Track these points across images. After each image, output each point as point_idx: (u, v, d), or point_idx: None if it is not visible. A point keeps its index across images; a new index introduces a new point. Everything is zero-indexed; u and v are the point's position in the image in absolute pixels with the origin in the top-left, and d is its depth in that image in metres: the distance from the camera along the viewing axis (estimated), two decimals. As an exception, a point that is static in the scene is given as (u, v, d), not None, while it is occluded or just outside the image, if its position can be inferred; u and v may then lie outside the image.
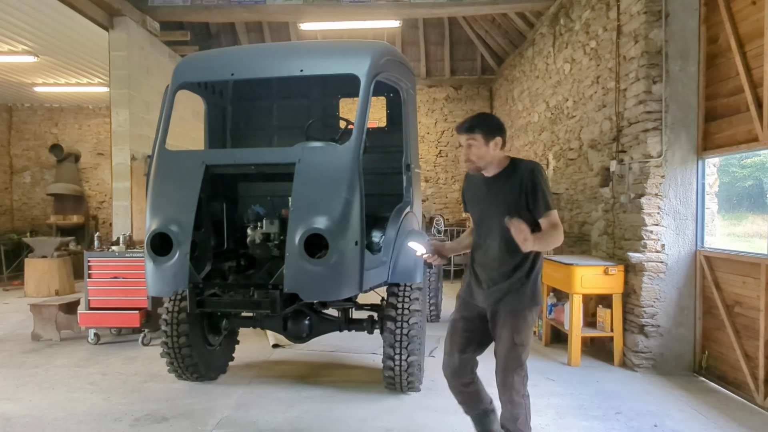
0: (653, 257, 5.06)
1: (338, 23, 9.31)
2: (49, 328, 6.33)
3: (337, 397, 4.51)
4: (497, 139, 2.88)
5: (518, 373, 2.92)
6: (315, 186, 3.91)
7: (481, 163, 2.92)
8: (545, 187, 2.83)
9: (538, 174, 2.83)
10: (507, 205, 2.86)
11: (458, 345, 3.08)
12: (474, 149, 2.88)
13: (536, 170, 2.85)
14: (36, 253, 9.53)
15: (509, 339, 2.91)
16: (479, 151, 2.88)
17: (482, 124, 2.91)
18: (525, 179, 2.82)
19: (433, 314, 7.18)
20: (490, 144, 2.87)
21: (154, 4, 8.36)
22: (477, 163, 2.92)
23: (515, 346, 2.90)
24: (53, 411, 4.26)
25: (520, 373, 2.93)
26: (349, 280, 3.90)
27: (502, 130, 2.93)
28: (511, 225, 2.66)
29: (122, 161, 8.11)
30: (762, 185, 5.01)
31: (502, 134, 2.92)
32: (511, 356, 2.91)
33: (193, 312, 4.12)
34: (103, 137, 13.91)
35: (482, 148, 2.88)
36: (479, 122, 2.92)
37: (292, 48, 5.36)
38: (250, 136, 5.81)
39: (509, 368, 2.92)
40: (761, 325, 4.18)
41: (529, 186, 2.81)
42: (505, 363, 2.93)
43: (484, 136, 2.86)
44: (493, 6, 8.27)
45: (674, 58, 5.00)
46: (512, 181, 2.87)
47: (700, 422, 4.01)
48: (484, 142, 2.87)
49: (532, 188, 2.81)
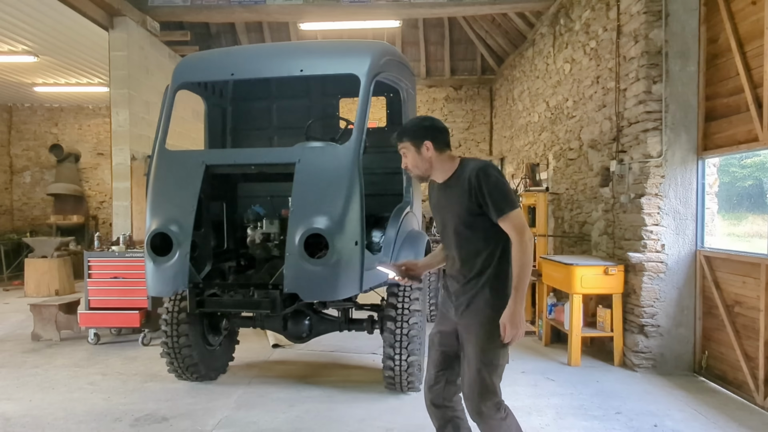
0: (653, 257, 5.06)
1: (338, 23, 9.32)
2: (49, 328, 6.33)
3: (337, 397, 4.51)
4: (426, 143, 2.66)
5: (489, 398, 2.58)
6: (315, 186, 3.91)
7: (418, 171, 2.74)
8: (495, 187, 2.54)
9: (483, 174, 2.55)
10: (458, 212, 2.65)
11: (434, 361, 2.86)
12: (408, 158, 2.72)
13: (481, 169, 2.57)
14: (36, 253, 9.53)
15: (474, 357, 2.60)
16: (413, 159, 2.71)
17: (407, 130, 2.74)
18: (472, 182, 2.56)
19: (433, 314, 7.18)
20: (421, 149, 2.67)
21: (154, 4, 8.36)
22: (415, 172, 2.76)
23: (481, 367, 2.58)
24: (53, 411, 4.26)
25: (491, 398, 2.58)
26: (349, 280, 3.90)
27: (430, 133, 2.69)
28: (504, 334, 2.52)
29: (122, 161, 8.11)
30: (762, 185, 5.01)
31: (432, 137, 2.68)
32: (480, 385, 2.58)
33: (193, 312, 4.12)
34: (103, 137, 13.91)
35: (414, 156, 2.70)
36: (404, 129, 2.76)
37: (292, 48, 5.36)
38: (250, 136, 5.81)
39: (476, 393, 2.58)
40: (761, 325, 4.18)
41: (476, 188, 2.55)
42: (471, 387, 2.60)
43: (411, 142, 2.69)
44: (493, 6, 8.27)
45: (674, 58, 5.00)
46: (461, 186, 2.62)
47: (700, 422, 4.01)
48: (414, 149, 2.69)
49: (479, 190, 2.54)
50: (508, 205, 2.54)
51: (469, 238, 2.66)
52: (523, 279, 2.53)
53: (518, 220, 2.55)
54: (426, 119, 2.81)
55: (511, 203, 2.55)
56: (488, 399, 2.59)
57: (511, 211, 2.54)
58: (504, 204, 2.53)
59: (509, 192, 2.59)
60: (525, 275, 2.54)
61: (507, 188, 2.59)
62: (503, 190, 2.56)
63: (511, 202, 2.56)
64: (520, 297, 2.54)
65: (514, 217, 2.54)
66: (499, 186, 2.56)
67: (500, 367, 2.65)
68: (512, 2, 8.19)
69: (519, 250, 2.53)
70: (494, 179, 2.55)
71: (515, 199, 2.58)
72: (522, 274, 2.53)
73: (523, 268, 2.53)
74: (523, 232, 2.53)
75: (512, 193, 2.61)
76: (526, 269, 2.54)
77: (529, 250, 2.54)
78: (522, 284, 2.53)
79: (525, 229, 2.54)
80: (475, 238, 2.64)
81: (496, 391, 2.61)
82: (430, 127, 2.73)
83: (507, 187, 2.60)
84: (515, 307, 2.53)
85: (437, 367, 2.83)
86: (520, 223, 2.55)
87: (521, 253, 2.52)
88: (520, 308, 2.54)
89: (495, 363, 2.61)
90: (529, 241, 2.54)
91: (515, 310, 2.52)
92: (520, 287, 2.53)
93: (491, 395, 2.59)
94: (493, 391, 2.60)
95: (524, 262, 2.53)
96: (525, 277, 2.53)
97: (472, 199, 2.57)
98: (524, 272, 2.53)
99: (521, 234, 2.52)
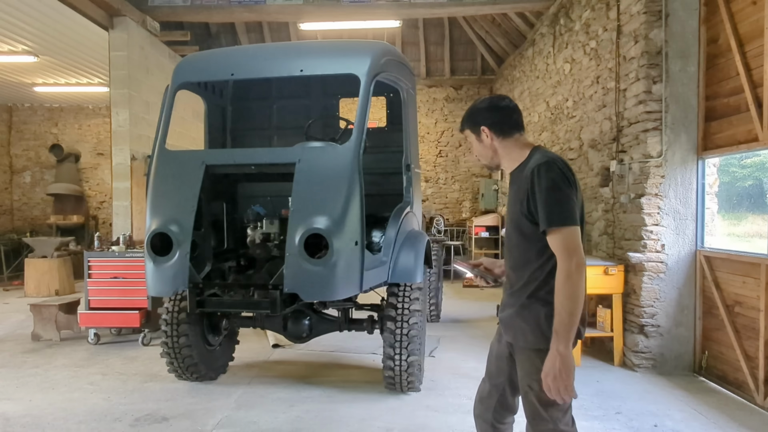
0: (653, 257, 5.06)
1: (338, 23, 9.32)
2: (49, 328, 6.33)
3: (337, 397, 4.51)
4: (483, 128, 2.32)
5: (539, 426, 2.18)
6: (315, 186, 3.91)
7: (484, 161, 2.43)
8: (548, 193, 2.07)
9: (537, 173, 2.10)
10: (514, 212, 2.26)
11: (489, 371, 2.50)
12: (473, 146, 2.44)
13: (540, 166, 2.11)
14: (36, 253, 9.53)
15: (524, 386, 2.22)
16: (476, 148, 2.41)
17: (465, 116, 2.42)
18: (527, 179, 2.15)
19: (433, 314, 7.18)
20: (481, 137, 2.34)
21: (154, 4, 8.36)
22: (481, 161, 2.46)
23: (528, 391, 2.19)
24: (53, 411, 4.26)
25: (544, 426, 2.17)
26: (349, 280, 3.90)
27: (487, 116, 2.32)
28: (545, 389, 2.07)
29: (122, 161, 8.11)
30: (762, 185, 5.01)
31: (489, 121, 2.31)
32: (530, 410, 2.21)
33: (193, 312, 4.12)
34: (103, 137, 13.91)
35: (476, 144, 2.40)
36: (464, 117, 2.43)
37: (292, 48, 5.36)
38: (250, 136, 5.81)
39: (527, 416, 2.23)
40: (761, 325, 4.18)
41: (529, 189, 2.13)
42: (523, 408, 2.26)
43: (471, 129, 2.39)
44: (493, 6, 8.27)
45: (674, 58, 5.00)
46: (521, 182, 2.22)
47: (700, 422, 4.01)
48: (474, 136, 2.38)
49: (531, 192, 2.12)
50: (558, 217, 2.05)
51: (519, 245, 2.25)
52: (565, 317, 2.01)
53: (569, 239, 2.05)
54: (484, 100, 2.40)
55: (562, 216, 2.06)
56: (540, 426, 2.18)
57: (561, 227, 2.05)
58: (554, 215, 2.06)
59: (565, 202, 2.07)
60: (570, 312, 2.02)
61: (563, 196, 2.08)
62: (557, 198, 2.07)
63: (563, 214, 2.06)
64: (564, 340, 2.01)
65: (563, 234, 2.05)
66: (554, 192, 2.07)
67: (559, 405, 2.15)
68: (512, 2, 8.20)
69: (563, 279, 2.04)
70: (549, 182, 2.07)
71: (571, 214, 2.08)
72: (566, 310, 2.02)
73: (568, 302, 2.02)
74: (570, 256, 2.03)
75: (570, 203, 2.09)
76: (571, 304, 2.02)
77: (577, 280, 2.03)
78: (565, 324, 2.01)
79: (574, 253, 2.04)
80: (526, 247, 2.22)
81: (549, 419, 2.15)
82: (486, 109, 2.34)
83: (564, 195, 2.08)
84: (558, 353, 2.01)
85: (492, 378, 2.47)
86: (571, 244, 2.05)
87: (565, 282, 2.03)
88: (565, 354, 2.00)
89: (546, 397, 2.11)
90: (578, 268, 2.03)
91: (558, 356, 2.01)
92: (561, 329, 2.01)
93: (543, 422, 2.17)
94: (545, 419, 2.16)
95: (569, 294, 2.02)
96: (570, 315, 2.02)
97: (525, 201, 2.16)
98: (569, 308, 2.02)
99: (568, 257, 2.03)
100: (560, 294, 2.05)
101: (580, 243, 2.09)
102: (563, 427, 2.17)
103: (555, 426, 2.16)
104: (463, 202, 13.05)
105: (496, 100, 2.39)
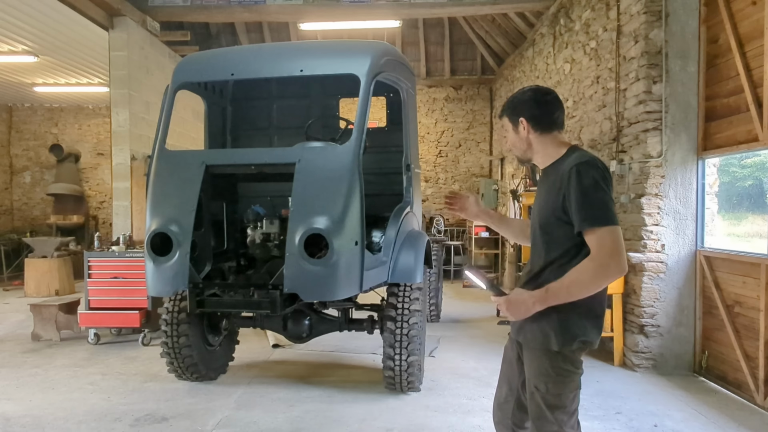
0: (653, 257, 5.06)
1: (338, 23, 9.32)
2: (49, 328, 6.33)
3: (337, 397, 4.51)
4: (521, 120, 2.23)
5: (543, 427, 2.14)
6: (315, 186, 3.91)
7: (517, 152, 2.34)
8: (587, 193, 1.99)
9: (576, 172, 2.02)
10: (543, 209, 2.19)
11: (504, 375, 2.45)
12: (508, 135, 2.34)
13: (579, 165, 2.03)
14: (36, 253, 9.53)
15: (531, 386, 2.19)
16: (511, 138, 2.32)
17: (506, 104, 2.33)
18: (564, 179, 2.06)
19: (433, 314, 7.18)
20: (518, 128, 2.26)
21: (154, 4, 8.36)
22: (514, 152, 2.37)
23: (534, 392, 2.16)
24: (53, 411, 4.26)
25: (548, 428, 2.13)
26: (349, 280, 3.90)
27: (527, 108, 2.23)
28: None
29: (122, 161, 8.12)
30: (762, 185, 5.01)
31: (529, 113, 2.22)
32: (535, 411, 2.17)
33: (193, 312, 4.12)
34: (103, 137, 13.91)
35: (512, 135, 2.30)
36: (506, 104, 2.33)
37: (292, 48, 5.36)
38: (250, 136, 5.81)
39: (532, 416, 2.19)
40: (761, 325, 4.18)
41: (565, 188, 2.05)
42: (532, 417, 2.20)
43: (509, 119, 2.29)
44: (493, 6, 8.27)
45: (674, 58, 5.00)
46: (554, 180, 2.13)
47: (700, 422, 4.01)
48: (511, 126, 2.29)
49: (567, 191, 2.04)
50: (600, 217, 1.97)
51: (543, 243, 2.18)
52: (563, 292, 2.01)
53: (610, 240, 1.95)
54: (528, 90, 2.30)
55: (603, 216, 1.97)
56: (545, 428, 2.14)
57: (603, 227, 1.96)
58: (594, 215, 1.98)
59: (606, 202, 2.00)
60: (569, 294, 2.01)
61: (604, 197, 2.00)
62: (598, 199, 1.99)
63: (604, 215, 1.98)
64: (544, 299, 2.03)
65: (605, 235, 1.96)
66: (593, 192, 2.00)
67: (564, 409, 2.13)
68: (512, 2, 8.20)
69: (591, 267, 1.97)
70: (589, 182, 2.00)
71: (612, 215, 1.99)
72: (569, 289, 2.00)
73: (576, 288, 1.99)
74: (612, 256, 1.95)
75: (612, 203, 2.02)
76: (577, 292, 2.00)
77: (601, 280, 1.99)
78: (556, 292, 2.01)
79: (615, 255, 1.95)
80: (551, 248, 2.15)
81: (554, 422, 2.12)
82: (528, 101, 2.25)
83: (605, 195, 2.00)
84: (529, 299, 2.05)
85: (507, 384, 2.42)
86: (612, 247, 1.95)
87: (592, 272, 1.97)
88: (530, 304, 2.05)
89: (553, 402, 2.11)
90: (611, 272, 1.96)
91: (527, 300, 2.05)
92: (552, 293, 2.02)
93: (548, 424, 2.13)
94: (550, 421, 2.12)
95: (583, 283, 1.99)
96: (568, 295, 2.01)
97: (559, 200, 2.08)
98: (573, 291, 2.00)
99: (609, 256, 1.95)
100: (578, 275, 1.99)
101: (623, 246, 2.01)
102: (568, 430, 2.14)
103: (560, 428, 2.13)
104: (463, 202, 13.02)
105: (540, 93, 2.27)
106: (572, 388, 2.15)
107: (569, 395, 2.15)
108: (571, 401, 2.16)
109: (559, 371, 2.13)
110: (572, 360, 2.15)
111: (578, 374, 2.18)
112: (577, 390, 2.17)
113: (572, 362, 2.15)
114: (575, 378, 2.17)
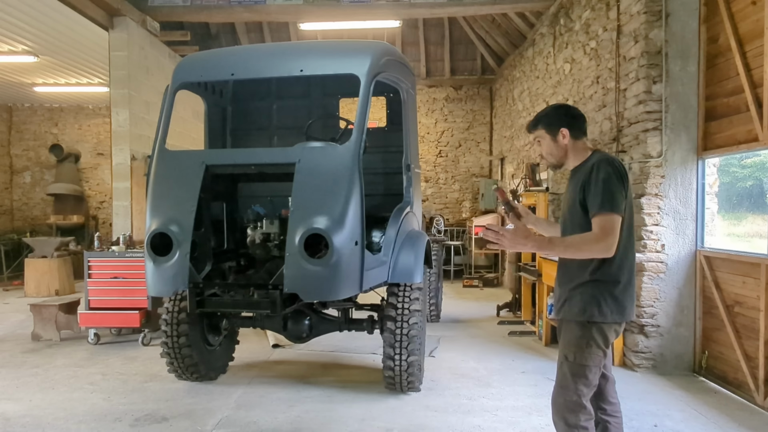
0: (653, 257, 5.06)
1: (338, 23, 9.32)
2: (49, 328, 6.33)
3: (337, 397, 4.51)
4: (562, 130, 2.64)
5: (565, 395, 2.51)
6: (315, 186, 3.91)
7: (553, 159, 2.72)
8: (601, 183, 2.41)
9: (596, 166, 2.47)
10: (571, 203, 2.60)
11: None
12: (543, 146, 2.72)
13: (600, 161, 2.50)
14: (36, 253, 9.53)
15: (561, 355, 2.59)
16: (548, 147, 2.70)
17: (542, 117, 2.72)
18: (586, 173, 2.51)
19: (433, 314, 7.18)
20: (557, 137, 2.65)
21: (154, 4, 8.36)
22: (549, 160, 2.74)
23: (563, 361, 2.56)
24: (53, 411, 4.26)
25: (569, 396, 2.50)
26: (349, 280, 3.90)
27: (566, 120, 2.67)
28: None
29: (122, 161, 8.11)
30: (762, 185, 5.01)
31: (568, 123, 2.65)
32: (560, 377, 2.57)
33: (193, 312, 4.12)
34: (103, 137, 13.91)
35: (550, 144, 2.69)
36: (539, 116, 2.73)
37: (292, 48, 5.36)
38: (250, 136, 5.81)
39: (557, 385, 2.59)
40: (761, 325, 4.18)
41: (586, 180, 2.49)
42: (557, 382, 2.60)
43: (547, 129, 2.68)
44: (493, 6, 8.27)
45: (674, 58, 5.00)
46: (579, 176, 2.58)
47: (700, 422, 4.01)
48: (550, 137, 2.67)
49: (587, 182, 2.47)
50: (605, 204, 2.39)
51: (570, 227, 2.60)
52: (561, 248, 2.50)
53: (609, 224, 2.38)
54: (561, 107, 2.80)
55: (608, 204, 2.39)
56: (566, 395, 2.50)
57: (606, 213, 2.39)
58: (601, 202, 2.40)
59: (614, 193, 2.41)
60: (564, 253, 2.51)
61: (614, 188, 2.41)
62: (608, 189, 2.40)
63: (610, 203, 2.39)
64: (539, 246, 2.54)
65: (605, 219, 2.39)
66: (606, 183, 2.41)
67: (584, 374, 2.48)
68: (512, 2, 8.20)
69: (588, 239, 2.40)
70: (605, 174, 2.43)
71: (618, 204, 2.40)
72: (566, 248, 2.48)
73: (572, 250, 2.46)
74: (605, 236, 2.37)
75: (619, 196, 2.42)
76: (571, 254, 2.49)
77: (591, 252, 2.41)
78: (556, 246, 2.52)
79: (609, 236, 2.37)
80: (575, 231, 2.55)
81: (575, 391, 2.48)
82: (566, 114, 2.70)
83: (615, 187, 2.42)
84: (531, 240, 2.46)
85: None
86: (608, 228, 2.38)
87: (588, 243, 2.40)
88: (524, 244, 2.46)
89: (578, 362, 2.49)
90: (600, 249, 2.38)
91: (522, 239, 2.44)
92: (551, 245, 2.54)
93: (569, 392, 2.50)
94: (572, 390, 2.49)
95: (578, 248, 2.44)
96: (563, 252, 2.51)
97: (581, 191, 2.50)
98: (569, 251, 2.49)
99: (603, 236, 2.37)
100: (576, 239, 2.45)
101: (617, 232, 2.40)
102: (586, 402, 2.48)
103: (579, 399, 2.47)
104: (463, 202, 13.05)
105: (570, 108, 2.78)
106: (596, 362, 2.49)
107: (593, 369, 2.48)
108: (594, 375, 2.50)
109: (589, 342, 2.47)
110: (603, 335, 2.48)
111: (603, 351, 2.51)
112: (598, 368, 2.51)
113: (603, 337, 2.49)
114: (600, 354, 2.50)
